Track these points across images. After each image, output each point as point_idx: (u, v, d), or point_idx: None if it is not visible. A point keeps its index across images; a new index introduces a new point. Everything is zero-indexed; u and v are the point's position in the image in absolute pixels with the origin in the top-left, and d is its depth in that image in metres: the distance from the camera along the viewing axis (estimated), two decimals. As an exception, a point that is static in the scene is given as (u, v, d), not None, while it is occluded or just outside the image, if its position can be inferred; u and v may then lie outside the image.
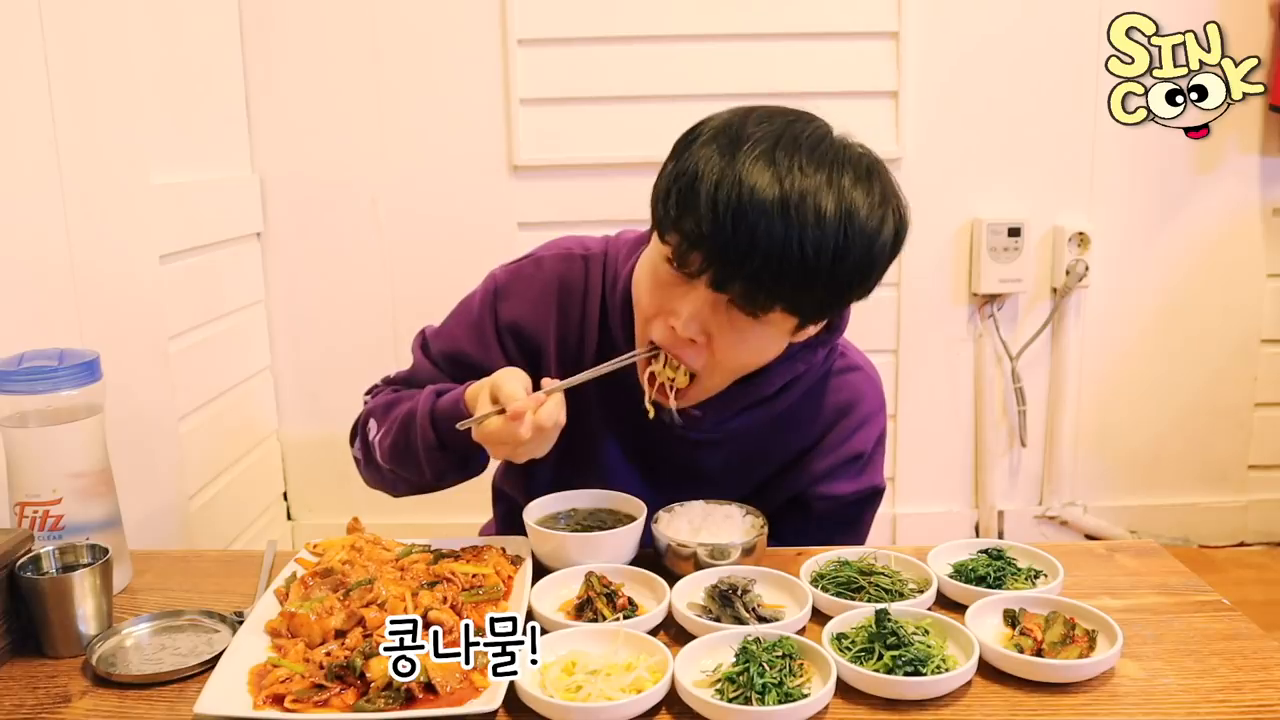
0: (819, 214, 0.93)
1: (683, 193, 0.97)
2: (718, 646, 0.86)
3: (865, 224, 0.96)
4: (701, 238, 0.95)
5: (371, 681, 0.80)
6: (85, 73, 1.52)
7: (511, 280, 1.21)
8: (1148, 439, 2.53)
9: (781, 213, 0.92)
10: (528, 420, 0.96)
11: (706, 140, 0.98)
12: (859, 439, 1.22)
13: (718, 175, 0.95)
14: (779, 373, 1.13)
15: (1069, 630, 0.88)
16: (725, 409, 1.15)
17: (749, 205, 0.93)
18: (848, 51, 2.28)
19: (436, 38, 2.24)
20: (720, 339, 1.01)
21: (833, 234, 0.94)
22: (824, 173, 0.95)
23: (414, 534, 1.10)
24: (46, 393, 1.00)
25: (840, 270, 0.96)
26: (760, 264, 0.93)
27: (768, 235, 0.92)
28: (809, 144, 0.97)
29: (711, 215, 0.94)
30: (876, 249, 0.98)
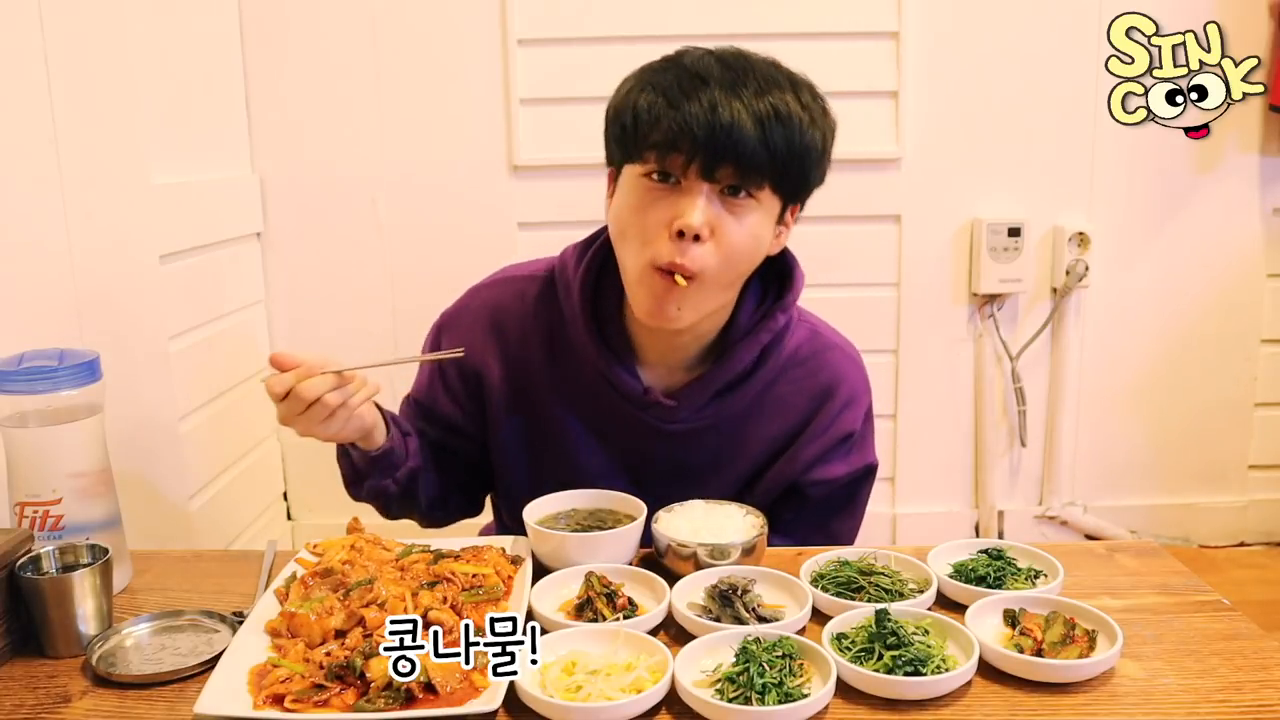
0: (782, 89, 1.03)
1: (645, 108, 1.03)
2: (718, 646, 0.86)
3: (823, 107, 1.08)
4: (678, 132, 1.01)
5: (371, 681, 0.80)
6: (85, 73, 1.52)
7: (450, 319, 1.26)
8: (1148, 439, 2.53)
9: (755, 90, 1.01)
10: (285, 378, 1.02)
11: (641, 72, 1.08)
12: (846, 419, 1.22)
13: (672, 79, 1.03)
14: (745, 347, 1.15)
15: (1069, 630, 0.88)
16: (698, 395, 1.16)
17: (716, 86, 1.01)
18: (848, 51, 2.28)
19: (436, 38, 2.24)
20: (723, 229, 1.04)
21: (798, 107, 1.04)
22: (769, 63, 1.07)
23: (414, 534, 1.10)
24: (46, 393, 1.00)
25: (808, 145, 1.05)
26: (746, 134, 0.99)
27: (744, 110, 1.00)
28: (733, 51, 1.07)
29: (681, 107, 1.00)
30: (829, 136, 1.09)
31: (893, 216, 2.37)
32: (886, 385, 2.46)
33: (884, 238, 2.38)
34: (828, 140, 1.09)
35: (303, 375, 1.03)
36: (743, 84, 1.01)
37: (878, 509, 2.53)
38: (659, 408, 1.16)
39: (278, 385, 1.03)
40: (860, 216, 2.37)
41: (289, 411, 1.05)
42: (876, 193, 2.35)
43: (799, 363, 1.20)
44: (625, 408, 1.18)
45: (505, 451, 1.26)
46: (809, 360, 1.21)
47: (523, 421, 1.23)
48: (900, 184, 2.34)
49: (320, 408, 1.04)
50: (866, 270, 2.39)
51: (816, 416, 1.20)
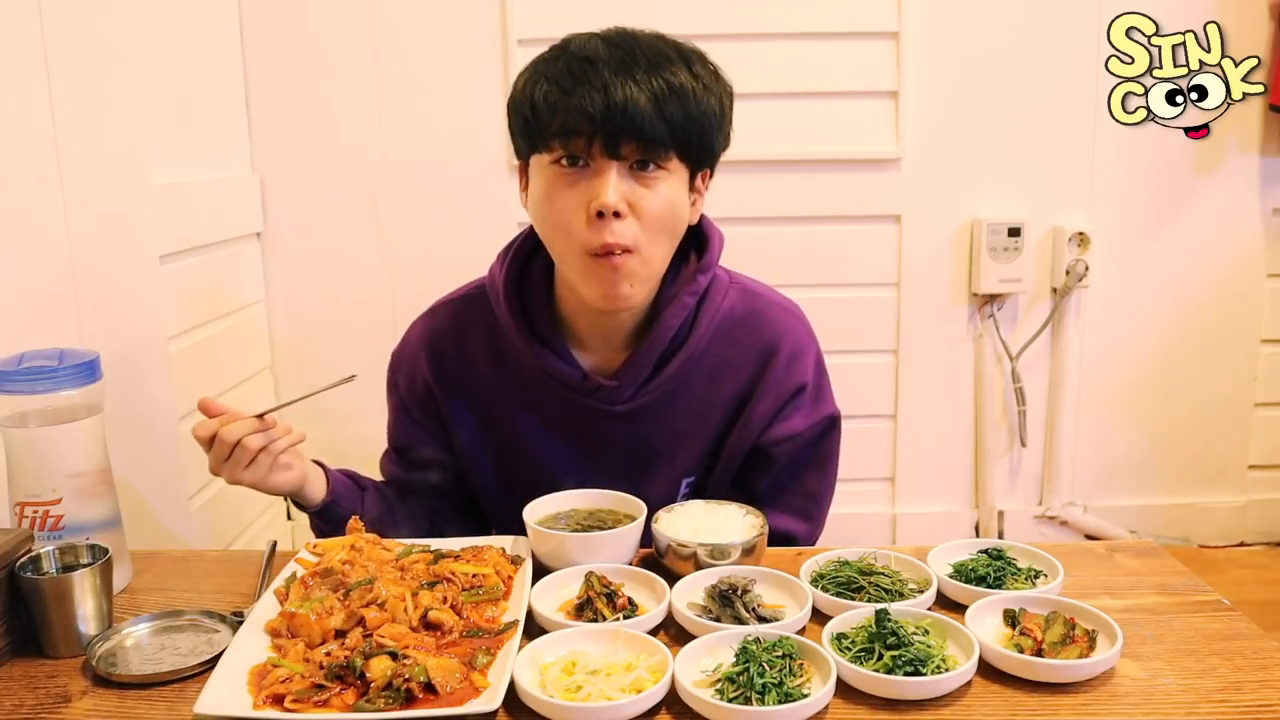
0: (670, 58, 1.07)
1: (545, 97, 1.05)
2: (718, 646, 0.86)
3: (715, 73, 1.11)
4: (576, 115, 1.03)
5: (371, 681, 0.80)
6: (85, 73, 1.52)
7: (397, 359, 1.30)
8: (1148, 439, 2.53)
9: (645, 63, 1.05)
10: (209, 423, 1.07)
11: (534, 64, 1.10)
12: (795, 373, 1.22)
13: (563, 67, 1.06)
14: (671, 313, 1.17)
15: (1069, 630, 0.88)
16: (638, 370, 1.17)
17: (606, 67, 1.04)
18: (848, 51, 2.28)
19: (436, 38, 2.24)
20: (640, 201, 1.06)
21: (689, 73, 1.06)
22: (654, 36, 1.11)
23: (414, 534, 1.10)
24: (46, 393, 1.00)
25: (706, 110, 1.07)
26: (641, 109, 1.02)
27: (636, 83, 1.03)
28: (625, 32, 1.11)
29: (575, 90, 1.03)
30: (726, 100, 1.11)
31: (893, 216, 2.37)
32: (886, 385, 2.46)
33: (884, 238, 2.38)
34: (725, 105, 1.11)
35: (226, 420, 1.07)
36: (633, 62, 1.04)
37: (878, 509, 2.53)
38: (603, 390, 1.17)
39: (202, 430, 1.08)
40: (860, 216, 2.37)
41: (215, 458, 1.08)
42: (876, 193, 2.35)
43: (736, 322, 1.21)
44: (573, 396, 1.19)
45: (474, 466, 1.27)
46: (746, 319, 1.22)
47: (483, 432, 1.25)
48: (900, 184, 2.34)
49: (242, 452, 1.07)
50: (866, 270, 2.39)
51: (765, 374, 1.21)
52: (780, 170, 2.33)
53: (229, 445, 1.07)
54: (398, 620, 0.90)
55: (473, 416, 1.25)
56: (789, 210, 2.35)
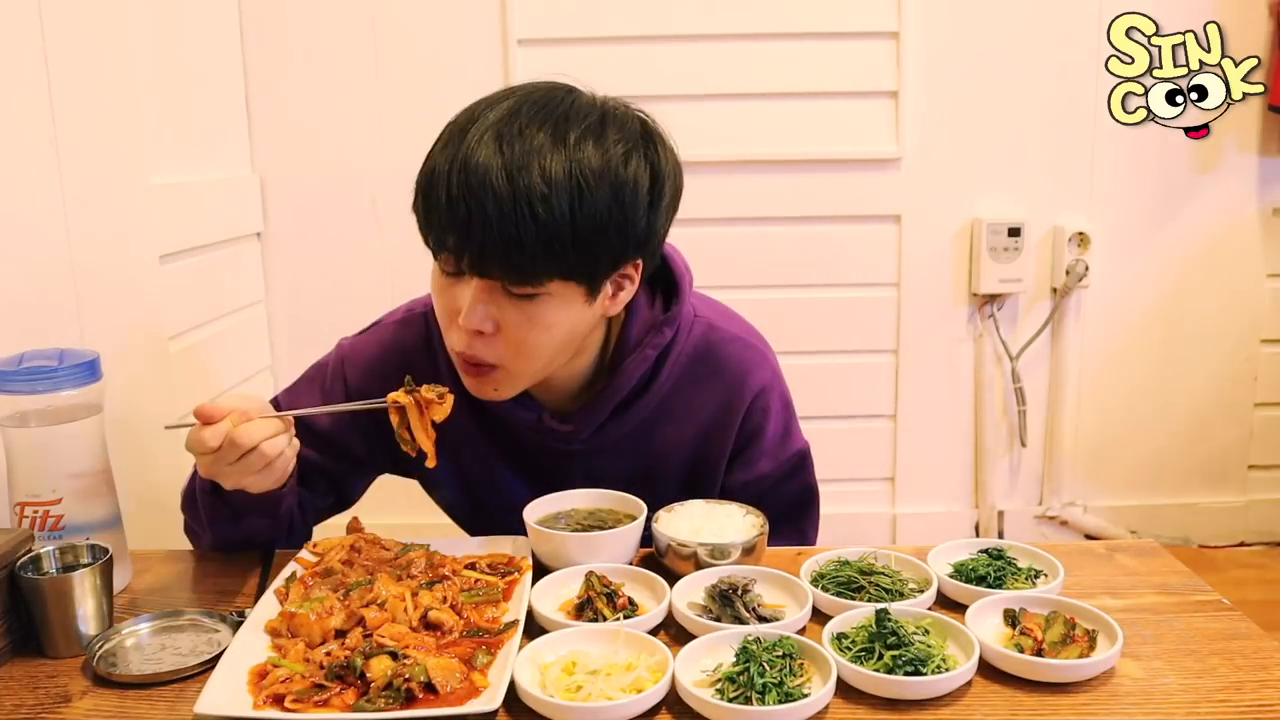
0: (545, 174, 0.94)
1: (422, 192, 1.00)
2: (718, 646, 0.86)
3: (602, 174, 0.96)
4: (444, 228, 0.97)
5: (371, 681, 0.80)
6: (85, 73, 1.52)
7: (357, 352, 1.22)
8: (1148, 438, 2.53)
9: (507, 182, 0.94)
10: (220, 428, 0.94)
11: (442, 137, 1.02)
12: (757, 416, 1.18)
13: (446, 163, 0.97)
14: (633, 364, 1.11)
15: (1069, 630, 0.88)
16: (594, 415, 1.13)
17: (475, 182, 0.94)
18: (848, 51, 2.28)
19: (436, 38, 2.24)
20: (509, 324, 1.00)
21: (565, 190, 0.94)
22: (547, 132, 0.96)
23: (414, 534, 1.10)
24: (46, 393, 1.00)
25: (587, 225, 0.96)
26: (502, 237, 0.94)
27: (498, 208, 0.93)
28: (536, 109, 0.99)
29: (445, 203, 0.96)
30: (626, 197, 0.98)
31: (893, 216, 2.37)
32: (886, 385, 2.46)
33: (884, 238, 2.38)
34: (632, 205, 0.99)
35: (237, 421, 0.95)
36: (505, 178, 0.94)
37: (878, 509, 2.53)
38: (556, 433, 1.14)
39: (213, 438, 0.94)
40: (860, 216, 2.37)
41: (216, 462, 0.96)
42: (876, 193, 2.35)
43: (698, 360, 1.16)
44: (529, 434, 1.16)
45: (440, 483, 1.24)
46: (708, 358, 1.16)
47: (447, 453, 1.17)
48: (900, 184, 2.35)
49: (257, 457, 0.96)
50: (866, 270, 2.39)
51: (727, 414, 1.17)
52: (781, 170, 2.33)
53: (243, 450, 0.95)
54: (398, 620, 0.90)
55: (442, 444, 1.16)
56: (789, 210, 2.35)
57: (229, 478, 0.99)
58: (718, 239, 2.32)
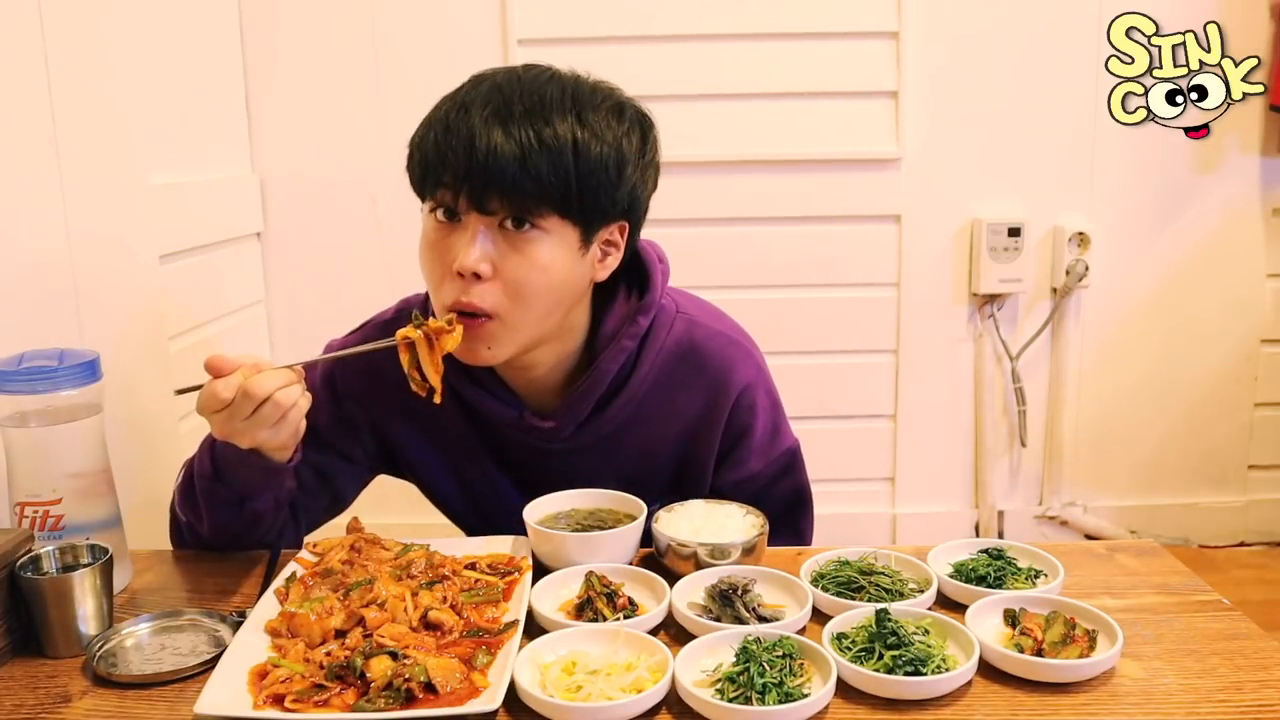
0: (547, 108, 0.98)
1: (420, 144, 1.02)
2: (718, 646, 0.86)
3: (603, 117, 1.01)
4: (442, 163, 0.99)
5: (371, 681, 0.80)
6: (85, 73, 1.52)
7: (345, 359, 1.19)
8: (1148, 439, 2.53)
9: (511, 110, 0.97)
10: (232, 379, 0.92)
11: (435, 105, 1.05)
12: (744, 414, 1.17)
13: (444, 113, 1.01)
14: (609, 357, 1.11)
15: (1069, 630, 0.88)
16: (575, 411, 1.12)
17: (478, 114, 0.98)
18: (848, 51, 2.28)
19: (436, 38, 2.24)
20: (507, 265, 1.00)
21: (568, 125, 0.98)
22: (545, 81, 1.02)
23: (414, 534, 1.10)
24: (46, 393, 1.00)
25: (588, 161, 0.98)
26: (507, 161, 0.96)
27: (504, 132, 0.96)
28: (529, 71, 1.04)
29: (446, 138, 0.98)
30: (623, 144, 1.02)
31: (893, 216, 2.37)
32: (886, 385, 2.46)
33: (884, 238, 2.38)
34: (625, 155, 1.02)
35: (249, 373, 0.93)
36: (508, 110, 0.98)
37: (878, 509, 2.53)
38: (538, 430, 1.13)
39: (226, 390, 0.91)
40: (860, 216, 2.37)
41: (230, 418, 0.94)
42: (876, 193, 2.35)
43: (681, 358, 1.14)
44: (512, 433, 1.15)
45: (430, 477, 1.23)
46: (690, 354, 1.15)
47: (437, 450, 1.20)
48: (900, 184, 2.35)
49: (272, 408, 0.94)
50: (866, 270, 2.39)
51: (712, 413, 1.16)
52: (781, 170, 2.33)
53: (256, 400, 0.92)
54: (398, 620, 0.90)
55: (424, 430, 1.18)
56: (789, 210, 2.35)
57: (244, 434, 0.96)
58: (718, 239, 2.32)
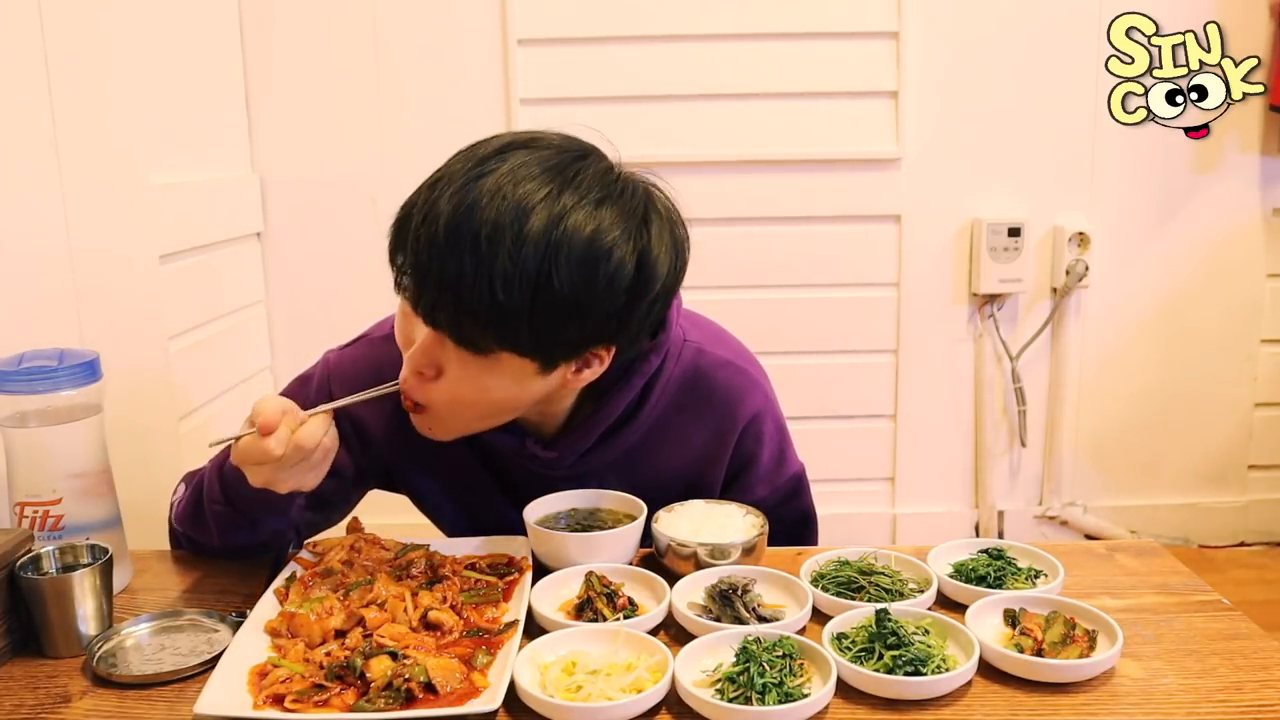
0: (515, 252, 0.87)
1: (396, 224, 0.96)
2: (718, 646, 0.86)
3: (582, 261, 0.89)
4: (402, 270, 0.94)
5: (371, 681, 0.80)
6: (85, 73, 1.52)
7: (343, 367, 1.19)
8: (1147, 439, 2.53)
9: (472, 251, 0.88)
10: (281, 434, 0.90)
11: (440, 171, 0.96)
12: (750, 442, 1.16)
13: (422, 202, 0.93)
14: (618, 395, 1.08)
15: (1069, 630, 0.88)
16: (579, 442, 1.10)
17: (439, 232, 0.89)
18: (848, 51, 2.28)
19: (436, 38, 2.24)
20: (449, 374, 0.97)
21: (530, 275, 0.88)
22: (541, 195, 0.89)
23: (414, 534, 1.10)
24: (46, 393, 1.00)
25: (547, 315, 0.90)
26: (455, 303, 0.90)
27: (457, 274, 0.88)
28: (537, 167, 0.92)
29: (410, 244, 0.92)
30: (599, 288, 0.90)
31: (893, 216, 2.37)
32: (886, 385, 2.46)
33: (884, 238, 2.38)
34: (600, 288, 0.91)
35: (294, 424, 0.92)
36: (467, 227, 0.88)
37: (878, 509, 2.53)
38: (539, 459, 1.11)
39: (279, 446, 0.90)
40: (860, 216, 2.37)
41: (280, 466, 0.92)
42: (876, 193, 2.35)
43: (688, 387, 1.12)
44: (514, 459, 1.13)
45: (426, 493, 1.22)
46: (698, 384, 1.13)
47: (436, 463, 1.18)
48: (900, 184, 2.35)
49: (321, 454, 0.95)
50: (866, 270, 2.39)
51: (719, 442, 1.15)
52: (781, 170, 2.33)
53: (307, 453, 0.92)
54: (398, 620, 0.90)
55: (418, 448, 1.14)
56: (789, 210, 2.35)
57: (287, 482, 0.95)
58: (718, 239, 2.32)
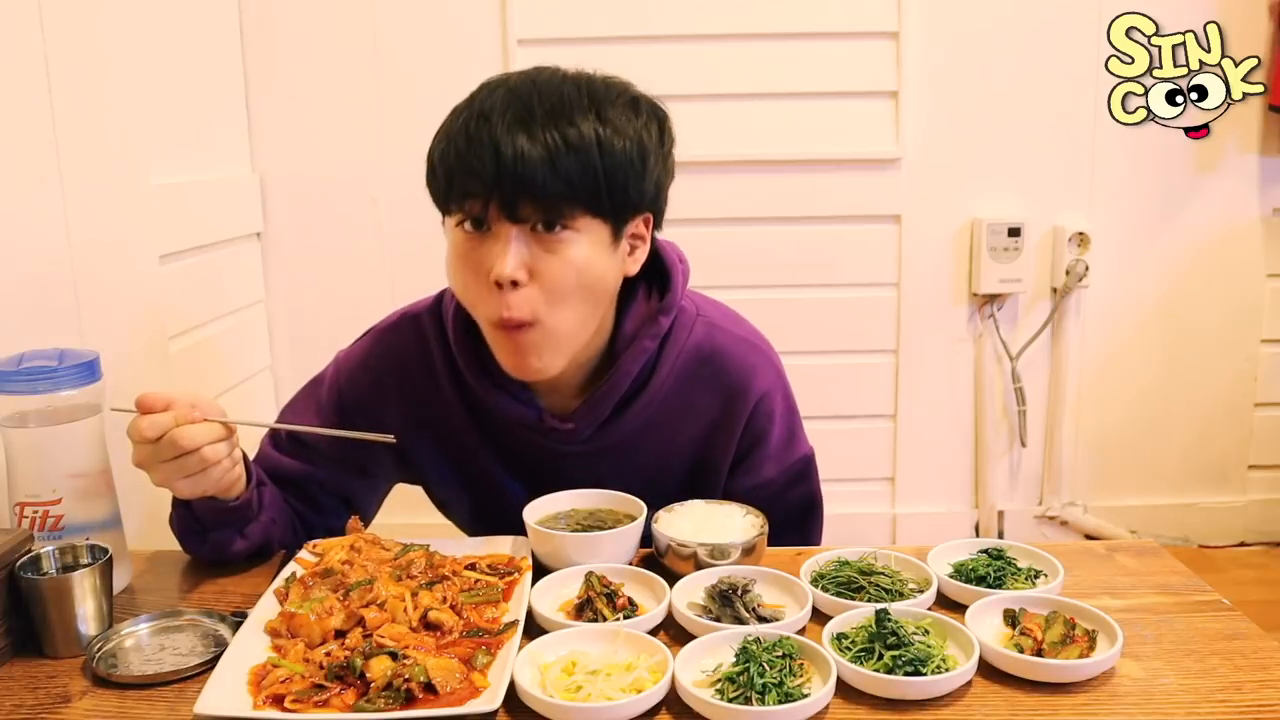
0: (570, 109, 0.98)
1: (442, 157, 1.01)
2: (718, 646, 0.86)
3: (623, 112, 1.01)
4: (471, 176, 0.97)
5: (371, 681, 0.80)
6: (85, 73, 1.52)
7: (351, 361, 1.22)
8: (1148, 439, 2.53)
9: (529, 115, 0.97)
10: (159, 420, 0.94)
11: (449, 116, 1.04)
12: (761, 420, 1.17)
13: (462, 124, 1.00)
14: (630, 357, 1.11)
15: (1069, 630, 0.88)
16: (595, 412, 1.12)
17: (500, 121, 0.97)
18: (848, 51, 2.28)
19: (436, 38, 2.24)
20: (541, 269, 0.99)
21: (591, 125, 0.98)
22: (562, 81, 1.02)
23: (414, 534, 1.10)
24: (46, 393, 1.00)
25: (614, 158, 0.99)
26: (536, 167, 0.95)
27: (529, 139, 0.96)
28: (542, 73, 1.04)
29: (470, 148, 0.97)
30: (644, 138, 1.02)
31: (893, 216, 2.37)
32: (886, 385, 2.46)
33: (884, 238, 2.38)
34: (646, 148, 1.02)
35: (182, 419, 0.95)
36: (529, 116, 0.97)
37: (878, 509, 2.53)
38: (557, 432, 1.12)
39: (151, 430, 0.94)
40: (860, 216, 2.37)
41: (153, 456, 0.96)
42: (876, 193, 2.35)
43: (702, 360, 1.15)
44: (528, 434, 1.14)
45: (440, 484, 1.23)
46: (711, 358, 1.15)
47: (443, 453, 1.20)
48: (900, 184, 2.35)
49: (196, 460, 0.96)
50: (866, 270, 2.39)
51: (729, 418, 1.16)
52: (780, 170, 2.33)
53: (181, 451, 0.95)
54: (398, 620, 0.90)
55: (434, 436, 1.18)
56: (789, 210, 2.35)
57: (158, 474, 0.98)
58: (718, 239, 2.32)
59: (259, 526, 1.09)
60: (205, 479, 0.99)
